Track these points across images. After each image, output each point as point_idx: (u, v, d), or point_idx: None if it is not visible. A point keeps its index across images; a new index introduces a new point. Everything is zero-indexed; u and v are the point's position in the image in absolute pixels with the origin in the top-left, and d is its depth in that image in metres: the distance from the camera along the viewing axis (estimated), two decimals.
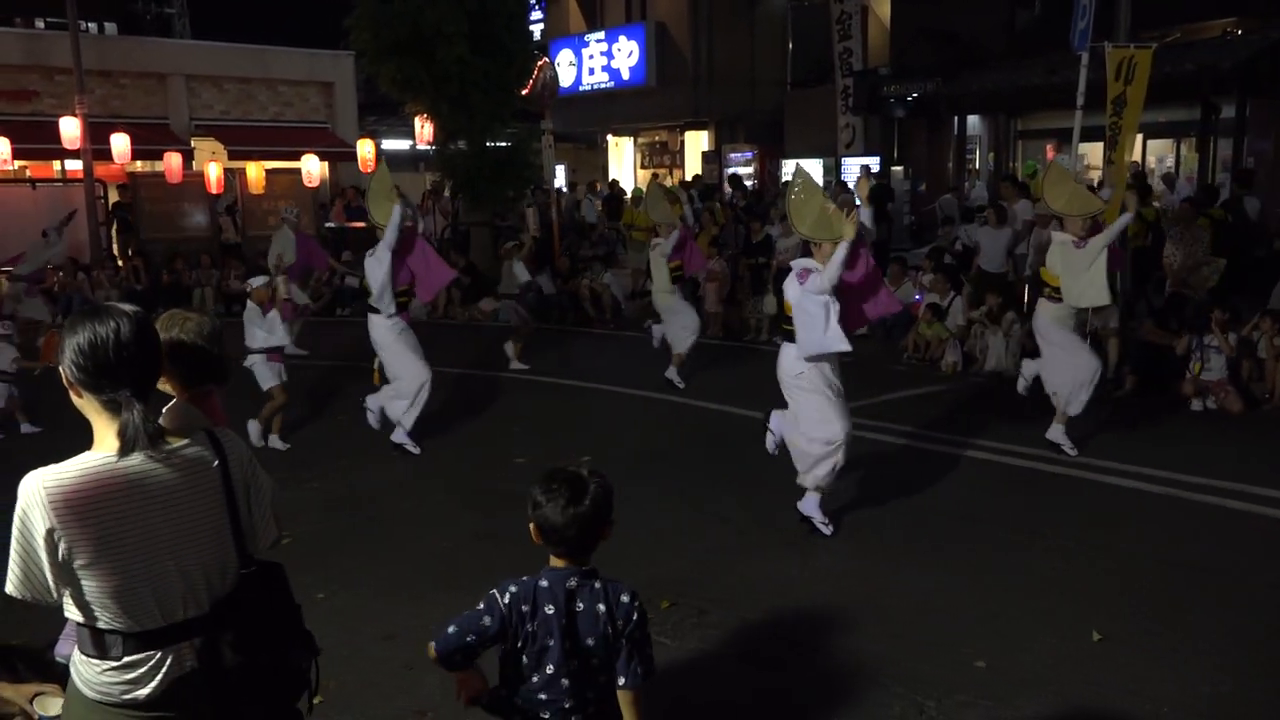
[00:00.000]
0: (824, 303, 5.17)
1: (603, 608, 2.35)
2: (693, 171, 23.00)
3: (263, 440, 7.38)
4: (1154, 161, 17.99)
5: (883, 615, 4.55)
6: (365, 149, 17.48)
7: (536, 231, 15.87)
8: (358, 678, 4.01)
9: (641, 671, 2.40)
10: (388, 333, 7.18)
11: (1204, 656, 4.12)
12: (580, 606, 2.35)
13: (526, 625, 2.35)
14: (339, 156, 18.97)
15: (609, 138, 27.07)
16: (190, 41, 24.29)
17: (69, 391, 2.07)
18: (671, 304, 9.15)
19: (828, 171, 19.21)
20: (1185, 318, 8.69)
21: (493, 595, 2.38)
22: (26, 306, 11.52)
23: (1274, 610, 4.56)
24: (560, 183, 20.91)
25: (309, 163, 16.76)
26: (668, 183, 19.67)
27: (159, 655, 2.05)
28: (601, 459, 6.17)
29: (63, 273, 13.70)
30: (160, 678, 2.05)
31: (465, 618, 2.37)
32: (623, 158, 27.43)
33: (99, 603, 2.00)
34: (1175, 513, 5.83)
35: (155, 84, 18.83)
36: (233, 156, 17.70)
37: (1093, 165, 14.47)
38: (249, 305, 7.46)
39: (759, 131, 23.18)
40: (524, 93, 15.18)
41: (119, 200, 17.52)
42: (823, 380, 5.39)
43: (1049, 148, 18.86)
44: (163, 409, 2.17)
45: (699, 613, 4.57)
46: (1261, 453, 6.89)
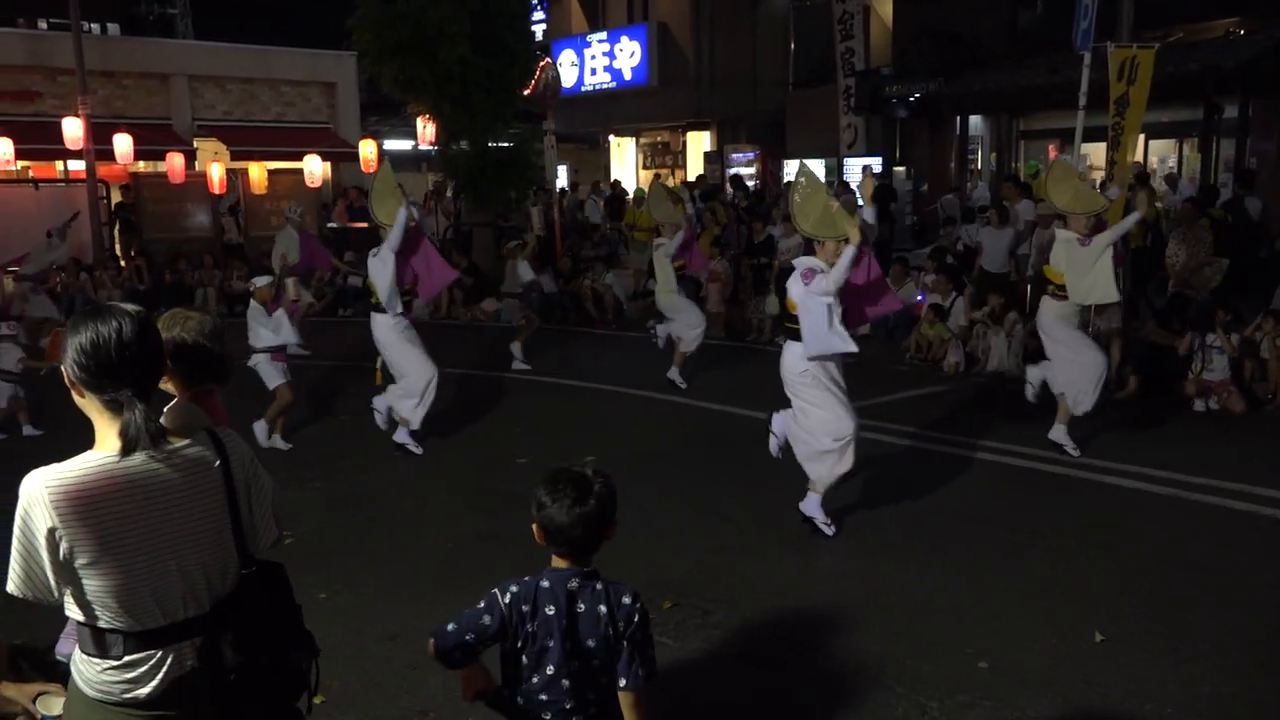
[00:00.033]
0: (827, 303, 5.18)
1: (604, 609, 2.35)
2: (695, 172, 23.00)
3: (269, 440, 7.39)
4: (1156, 162, 17.97)
5: (884, 615, 4.55)
6: (367, 149, 17.46)
7: (541, 230, 15.86)
8: (361, 678, 4.02)
9: (643, 673, 2.39)
10: (390, 331, 7.19)
11: (1205, 657, 4.11)
12: (581, 608, 2.35)
13: (526, 625, 2.35)
14: (341, 157, 18.96)
15: (611, 138, 27.07)
16: (193, 42, 24.33)
17: (71, 391, 2.07)
18: (676, 303, 9.16)
19: (830, 172, 19.17)
20: (1188, 318, 8.69)
21: (493, 595, 2.38)
22: (34, 305, 11.53)
23: (1275, 610, 4.56)
24: (562, 183, 20.92)
25: (311, 163, 16.75)
26: (670, 183, 19.65)
27: (159, 654, 2.05)
28: (603, 459, 6.17)
29: (65, 273, 13.70)
30: (160, 677, 2.05)
31: (465, 616, 2.38)
32: (624, 158, 27.43)
33: (100, 602, 2.00)
34: (1177, 513, 5.83)
35: (158, 84, 18.84)
36: (235, 157, 17.70)
37: (1095, 165, 14.45)
38: (252, 305, 7.47)
39: (761, 132, 23.17)
40: (526, 93, 15.19)
41: (121, 200, 17.54)
42: (827, 378, 5.39)
43: (1051, 148, 18.84)
44: (164, 408, 2.17)
45: (702, 613, 4.57)
46: (1263, 453, 6.88)
